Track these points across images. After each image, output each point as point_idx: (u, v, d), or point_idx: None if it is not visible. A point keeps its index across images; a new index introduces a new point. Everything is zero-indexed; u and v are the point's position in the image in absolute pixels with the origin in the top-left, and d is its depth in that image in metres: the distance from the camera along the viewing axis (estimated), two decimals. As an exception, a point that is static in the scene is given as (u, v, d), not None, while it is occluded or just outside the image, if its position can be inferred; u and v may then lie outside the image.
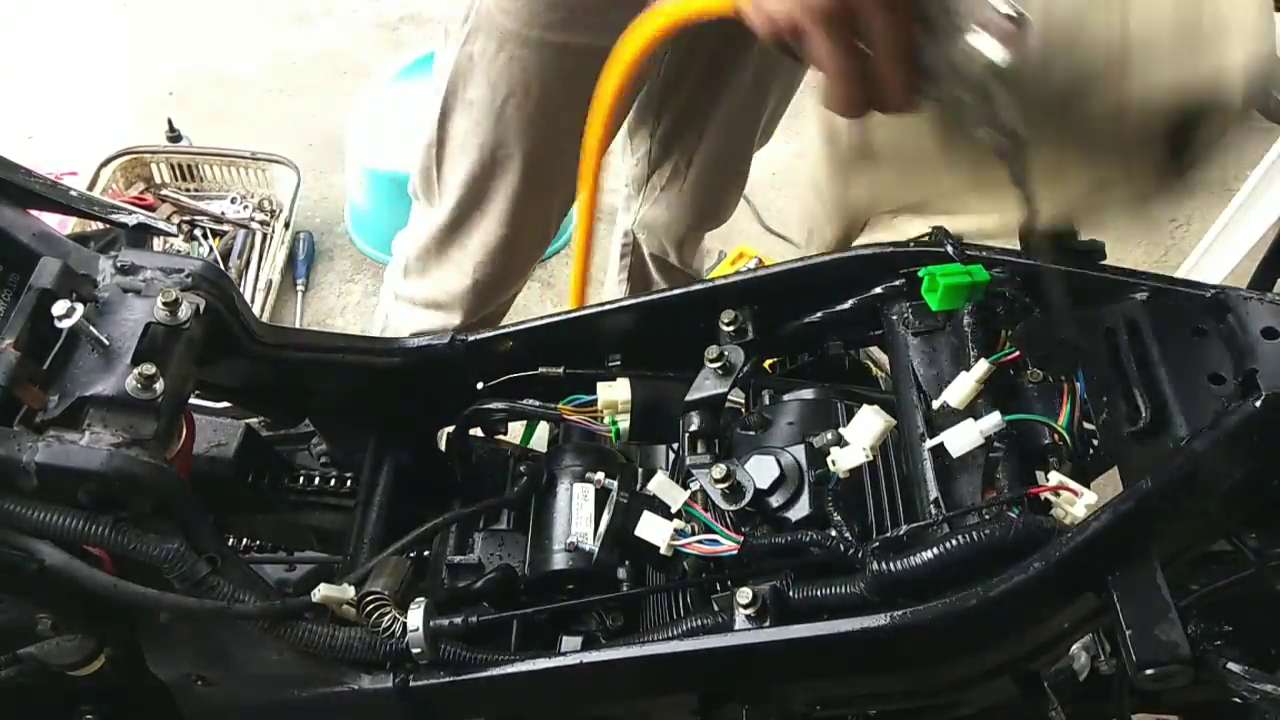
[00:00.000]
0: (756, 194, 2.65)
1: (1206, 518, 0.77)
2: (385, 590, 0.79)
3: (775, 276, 0.97)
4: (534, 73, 1.15)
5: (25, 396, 0.76)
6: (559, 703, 0.85)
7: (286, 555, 1.14)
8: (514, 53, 1.14)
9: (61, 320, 0.75)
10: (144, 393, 0.76)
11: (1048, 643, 0.81)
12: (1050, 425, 0.83)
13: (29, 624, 0.87)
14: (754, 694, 0.81)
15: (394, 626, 0.78)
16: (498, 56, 1.15)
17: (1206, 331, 0.78)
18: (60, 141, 2.62)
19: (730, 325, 0.95)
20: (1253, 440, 0.72)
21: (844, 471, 0.80)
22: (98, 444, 0.73)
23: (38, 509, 0.73)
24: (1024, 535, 0.72)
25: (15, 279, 0.79)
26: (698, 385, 0.92)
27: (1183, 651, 0.68)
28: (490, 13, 1.13)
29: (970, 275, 0.84)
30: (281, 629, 0.78)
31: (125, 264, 0.83)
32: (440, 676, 0.78)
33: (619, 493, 0.86)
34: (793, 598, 0.77)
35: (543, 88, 1.16)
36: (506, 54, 1.15)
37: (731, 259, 2.41)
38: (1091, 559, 0.71)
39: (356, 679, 0.79)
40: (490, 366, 1.00)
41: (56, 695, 0.97)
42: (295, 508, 1.03)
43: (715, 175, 1.44)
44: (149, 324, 0.79)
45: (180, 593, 0.76)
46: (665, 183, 1.47)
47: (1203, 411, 0.74)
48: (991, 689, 0.83)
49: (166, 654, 0.83)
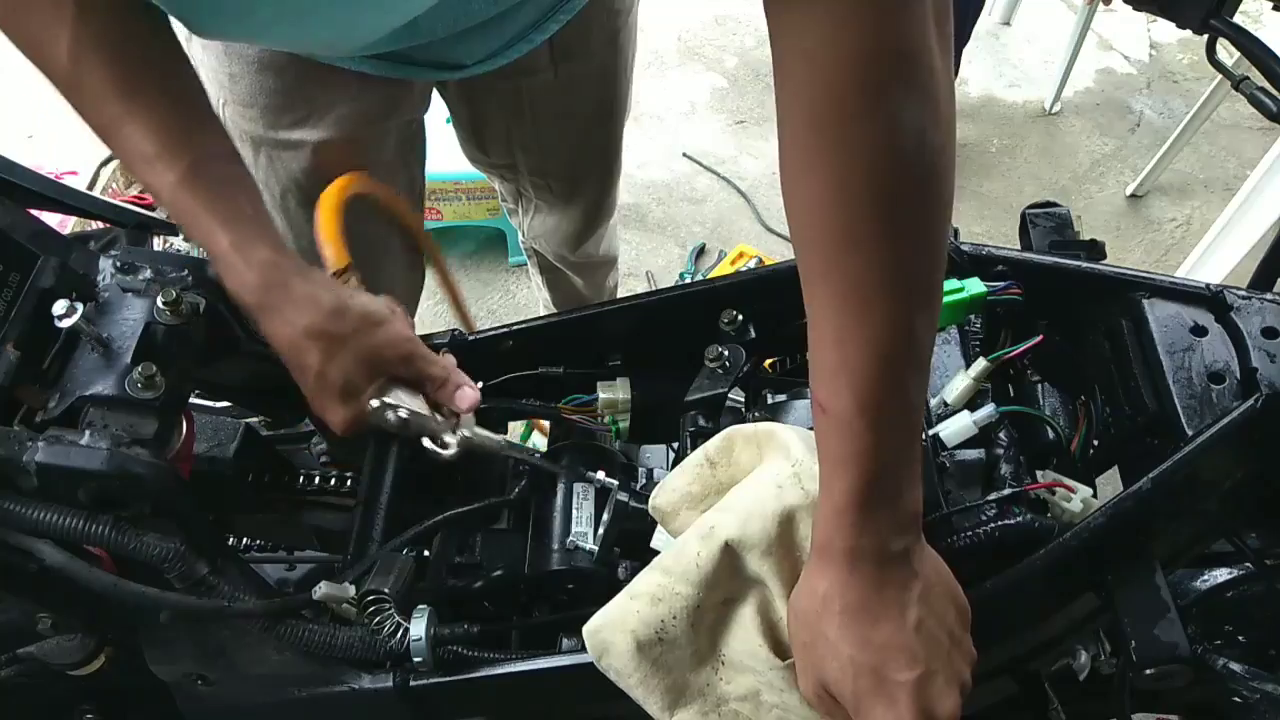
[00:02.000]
0: (756, 194, 2.66)
1: (1206, 518, 0.77)
2: (386, 589, 0.79)
3: (775, 276, 0.97)
4: (298, 168, 1.17)
5: (25, 396, 0.76)
6: (559, 703, 0.85)
7: (286, 555, 1.14)
8: (271, 154, 1.17)
9: (61, 320, 0.75)
10: (144, 392, 0.76)
11: (1048, 642, 0.81)
12: (1046, 421, 0.83)
13: (29, 624, 0.87)
14: (754, 694, 0.81)
15: (394, 628, 0.78)
16: (259, 159, 1.18)
17: (1206, 331, 0.78)
18: (60, 141, 2.62)
19: (730, 325, 0.95)
20: (1253, 440, 0.72)
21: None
22: (98, 444, 0.73)
23: (38, 508, 0.73)
24: (1024, 535, 0.72)
25: (15, 279, 0.78)
26: (697, 385, 0.92)
27: (1183, 651, 0.68)
28: (236, 120, 1.14)
29: (965, 290, 0.84)
30: (281, 628, 0.78)
31: (125, 263, 0.83)
32: (440, 676, 0.78)
33: (619, 492, 0.86)
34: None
35: (311, 179, 1.17)
36: (265, 156, 1.17)
37: (731, 259, 2.41)
38: (1091, 558, 0.71)
39: (356, 678, 0.79)
40: (490, 366, 1.00)
41: (56, 695, 0.97)
42: (295, 507, 1.03)
43: (580, 180, 1.44)
44: (149, 323, 0.80)
45: (180, 593, 0.76)
46: (536, 200, 1.48)
47: (1203, 411, 0.74)
48: (991, 688, 0.83)
49: (166, 654, 0.83)
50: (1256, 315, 0.77)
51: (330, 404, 0.84)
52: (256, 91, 1.10)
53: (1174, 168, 2.71)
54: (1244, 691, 0.77)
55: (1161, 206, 2.72)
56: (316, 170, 1.16)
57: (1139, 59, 3.13)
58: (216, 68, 1.10)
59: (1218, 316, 0.79)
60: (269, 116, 1.12)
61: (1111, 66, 3.11)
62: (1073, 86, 2.96)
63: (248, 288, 0.80)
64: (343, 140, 1.14)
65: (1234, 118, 2.86)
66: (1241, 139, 2.86)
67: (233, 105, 1.12)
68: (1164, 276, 0.84)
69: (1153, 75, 3.08)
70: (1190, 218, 2.68)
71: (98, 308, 0.80)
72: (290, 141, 1.14)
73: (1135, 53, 3.15)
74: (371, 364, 0.84)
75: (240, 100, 1.11)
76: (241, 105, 1.12)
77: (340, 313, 0.83)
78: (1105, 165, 2.82)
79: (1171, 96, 3.02)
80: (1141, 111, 2.97)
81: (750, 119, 2.85)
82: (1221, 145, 2.85)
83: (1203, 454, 0.71)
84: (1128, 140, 2.89)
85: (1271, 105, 1.06)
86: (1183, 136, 2.57)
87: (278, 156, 1.16)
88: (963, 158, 2.82)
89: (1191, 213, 2.69)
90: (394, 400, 0.84)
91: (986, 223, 2.64)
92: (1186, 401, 0.75)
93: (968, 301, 0.84)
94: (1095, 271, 0.87)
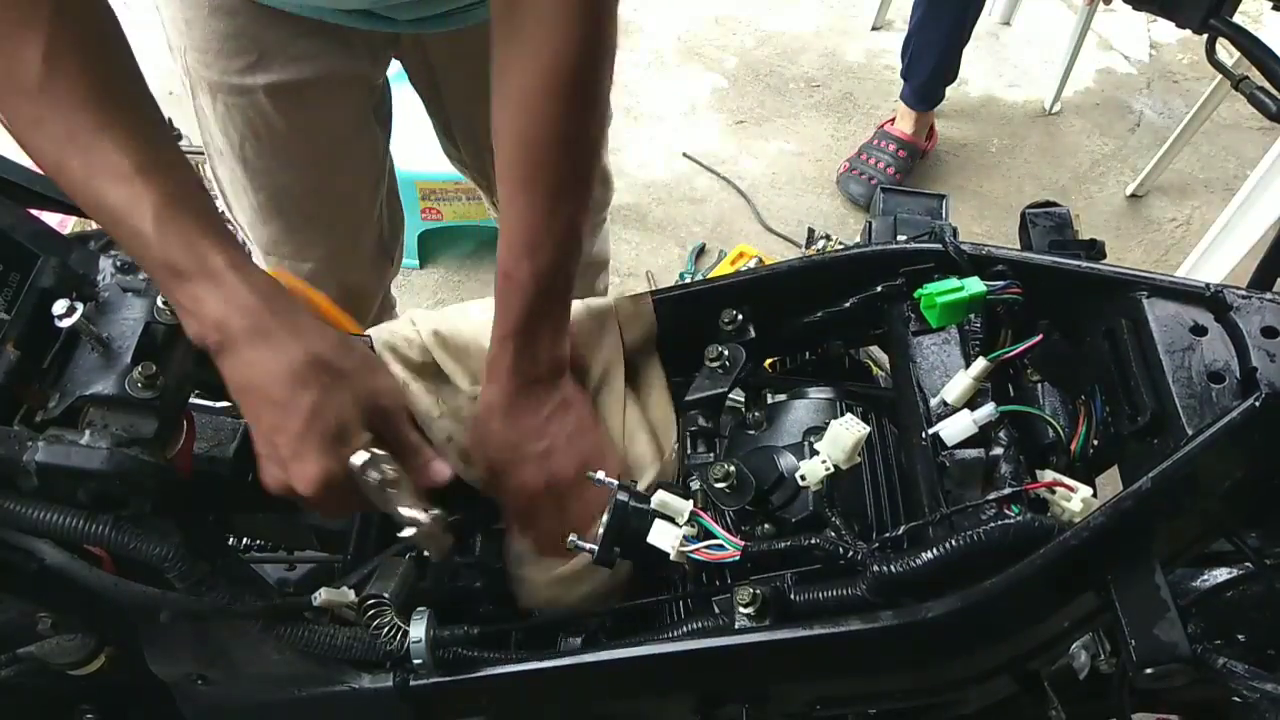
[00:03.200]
0: (756, 194, 2.66)
1: (1206, 517, 0.77)
2: (386, 594, 0.79)
3: (775, 276, 0.97)
4: (254, 114, 1.18)
5: (25, 396, 0.76)
6: (559, 703, 0.85)
7: (286, 555, 1.14)
8: (228, 100, 1.18)
9: (61, 320, 0.75)
10: (144, 392, 0.76)
11: (1048, 642, 0.81)
12: (1046, 420, 0.83)
13: (29, 624, 0.87)
14: (754, 694, 0.81)
15: (394, 631, 0.78)
16: (216, 106, 1.19)
17: (1206, 330, 0.78)
18: (60, 141, 2.62)
19: (730, 324, 0.95)
20: (1253, 440, 0.72)
21: (814, 485, 0.80)
22: (98, 443, 0.73)
23: (38, 508, 0.73)
24: (1024, 534, 0.72)
25: (15, 279, 0.78)
26: (698, 384, 0.92)
27: (1183, 651, 0.68)
28: (194, 68, 1.16)
29: (964, 289, 0.84)
30: (281, 629, 0.78)
31: (125, 263, 0.83)
32: (440, 676, 0.78)
33: (619, 492, 0.86)
34: (793, 599, 0.77)
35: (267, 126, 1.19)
36: (222, 103, 1.18)
37: (731, 259, 2.41)
38: (1091, 558, 0.71)
39: (356, 678, 0.79)
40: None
41: (56, 695, 0.97)
42: (295, 507, 1.03)
43: None
44: (149, 323, 0.80)
45: (180, 593, 0.76)
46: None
47: (1203, 411, 0.74)
48: (991, 688, 0.83)
49: (166, 654, 0.83)
50: (1256, 315, 0.77)
51: (311, 455, 0.75)
52: (210, 36, 1.12)
53: (1174, 168, 2.71)
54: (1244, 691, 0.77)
55: (1161, 206, 2.72)
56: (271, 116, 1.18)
57: (1139, 59, 3.13)
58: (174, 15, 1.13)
59: (1217, 316, 0.79)
60: (222, 61, 1.14)
61: (1111, 66, 3.11)
62: (1073, 86, 2.96)
63: (242, 309, 0.74)
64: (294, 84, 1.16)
65: (1234, 118, 2.86)
66: (1241, 139, 2.86)
67: (191, 52, 1.15)
68: (1164, 276, 0.83)
69: (1153, 75, 3.08)
70: (1190, 218, 2.68)
71: (98, 307, 0.80)
72: (244, 87, 1.16)
73: (1135, 53, 3.15)
74: (368, 411, 0.79)
75: (196, 46, 1.14)
76: (198, 51, 1.14)
77: (347, 347, 0.80)
78: (1105, 165, 2.82)
79: (1171, 96, 3.02)
80: (1141, 111, 2.98)
81: (750, 119, 2.85)
82: (1221, 145, 2.85)
83: (1203, 453, 0.71)
84: (1128, 140, 2.89)
85: (1271, 105, 1.06)
86: (1183, 136, 2.57)
87: (234, 103, 1.18)
88: (963, 158, 2.82)
89: (1191, 213, 2.69)
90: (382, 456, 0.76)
91: (986, 223, 2.64)
92: (1186, 401, 0.75)
93: (967, 301, 0.84)
94: (1095, 271, 0.87)
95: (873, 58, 3.06)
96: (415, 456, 0.84)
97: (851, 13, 3.20)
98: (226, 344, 0.75)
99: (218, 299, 0.74)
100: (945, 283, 0.85)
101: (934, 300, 0.84)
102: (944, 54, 2.56)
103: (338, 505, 0.79)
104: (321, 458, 0.75)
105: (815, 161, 2.75)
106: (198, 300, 0.75)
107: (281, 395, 0.75)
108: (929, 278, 0.88)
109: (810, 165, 2.74)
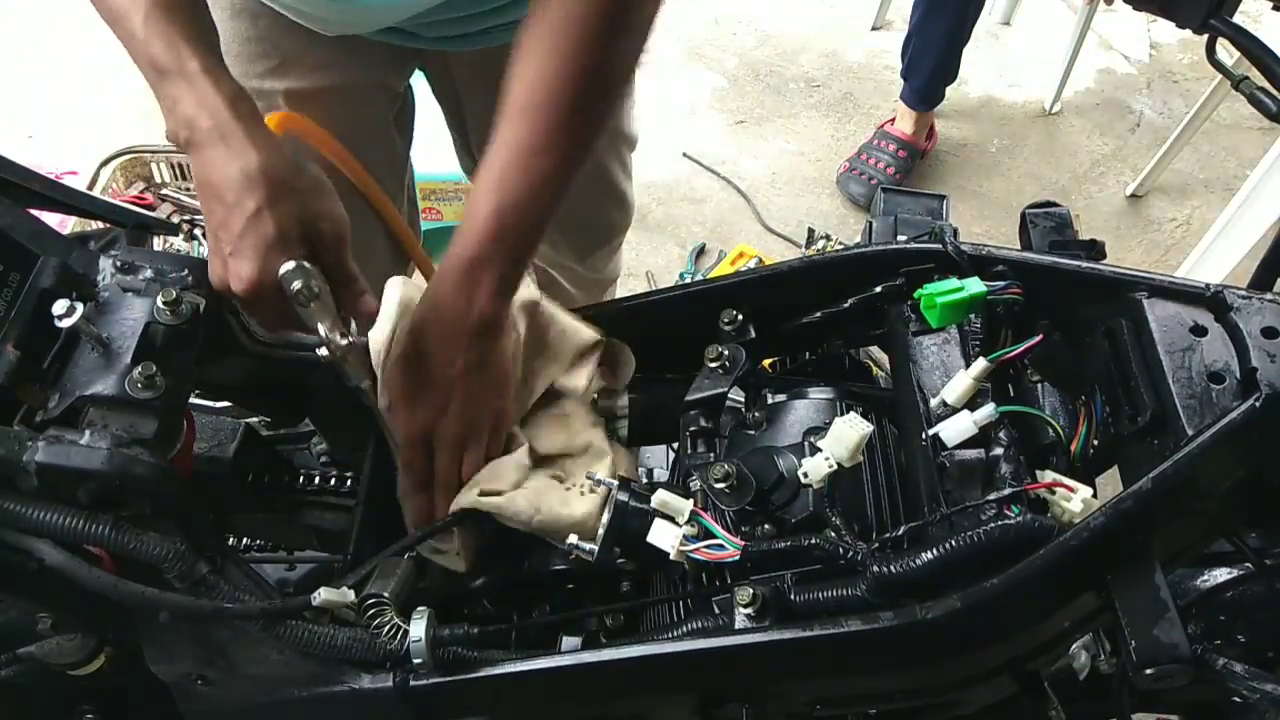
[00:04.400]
0: (756, 194, 2.66)
1: (1207, 517, 0.77)
2: (386, 593, 0.79)
3: (775, 276, 0.97)
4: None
5: (25, 396, 0.76)
6: (559, 703, 0.85)
7: (286, 555, 1.14)
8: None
9: (61, 320, 0.75)
10: (144, 392, 0.76)
11: (1048, 642, 0.81)
12: (1046, 421, 0.83)
13: (29, 624, 0.87)
14: (754, 694, 0.81)
15: (394, 631, 0.78)
16: None
17: (1206, 330, 0.78)
18: (60, 141, 2.62)
19: (730, 324, 0.95)
20: (1253, 440, 0.72)
21: (816, 483, 0.80)
22: (98, 444, 0.73)
23: (38, 508, 0.73)
24: (1024, 535, 0.72)
25: (15, 279, 0.78)
26: (698, 384, 0.92)
27: (1183, 651, 0.68)
28: None
29: (965, 289, 0.84)
30: (281, 629, 0.78)
31: (125, 263, 0.83)
32: (440, 676, 0.78)
33: (619, 492, 0.86)
34: (793, 599, 0.77)
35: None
36: None
37: (731, 259, 2.41)
38: (1091, 558, 0.71)
39: (356, 679, 0.79)
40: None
41: (56, 695, 0.97)
42: (295, 507, 1.03)
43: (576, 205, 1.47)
44: (149, 323, 0.80)
45: (180, 593, 0.76)
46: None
47: (1203, 411, 0.74)
48: (991, 688, 0.83)
49: (166, 654, 0.83)
50: (1256, 315, 0.77)
51: (247, 254, 0.79)
52: (231, 38, 1.12)
53: (1174, 168, 2.71)
54: (1244, 691, 0.77)
55: (1161, 206, 2.72)
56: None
57: (1139, 59, 3.13)
58: None
59: (1217, 316, 0.79)
60: (242, 64, 1.13)
61: (1111, 66, 3.11)
62: (1073, 86, 2.96)
63: (210, 110, 0.78)
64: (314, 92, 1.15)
65: (1234, 118, 2.86)
66: (1241, 139, 2.86)
67: None
68: (1164, 276, 0.83)
69: (1153, 75, 3.08)
70: (1190, 218, 2.68)
71: (98, 307, 0.80)
72: (263, 90, 1.15)
73: (1135, 53, 3.15)
74: (309, 228, 0.82)
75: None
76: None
77: (299, 167, 0.82)
78: (1105, 165, 2.82)
79: (1171, 96, 3.02)
80: (1141, 111, 2.97)
81: (750, 119, 2.85)
82: (1221, 145, 2.85)
83: (1203, 454, 0.71)
84: (1128, 140, 2.89)
85: (1271, 105, 1.06)
86: (1183, 136, 2.57)
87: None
88: (963, 158, 2.82)
89: (1191, 213, 2.69)
90: (311, 270, 0.80)
91: (986, 223, 2.64)
92: (1186, 401, 0.75)
93: (968, 301, 0.84)
94: (1095, 271, 0.87)
95: (873, 58, 3.06)
96: (348, 285, 0.86)
97: (851, 13, 3.20)
98: (193, 141, 0.80)
99: (191, 98, 0.79)
100: (945, 283, 0.85)
101: (934, 300, 0.84)
102: (944, 54, 2.56)
103: (267, 313, 0.83)
104: (256, 258, 0.79)
105: (815, 161, 2.75)
106: (174, 99, 0.80)
107: (231, 196, 0.79)
108: (929, 278, 0.88)
109: (810, 165, 2.74)
